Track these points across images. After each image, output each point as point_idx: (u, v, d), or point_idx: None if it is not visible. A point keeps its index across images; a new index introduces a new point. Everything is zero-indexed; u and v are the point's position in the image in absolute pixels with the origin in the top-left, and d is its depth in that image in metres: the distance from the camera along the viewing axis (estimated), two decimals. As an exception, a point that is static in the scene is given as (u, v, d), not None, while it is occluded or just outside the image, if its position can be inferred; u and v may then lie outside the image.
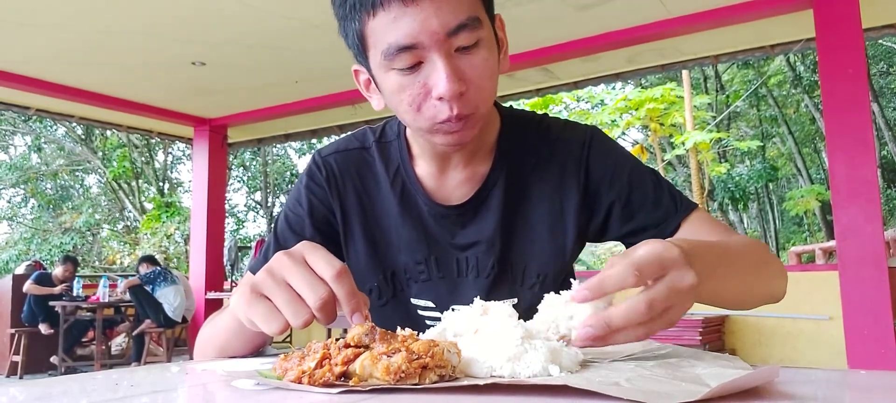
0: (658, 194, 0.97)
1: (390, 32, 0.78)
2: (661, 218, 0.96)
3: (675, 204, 0.96)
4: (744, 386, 0.51)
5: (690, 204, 0.98)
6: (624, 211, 0.97)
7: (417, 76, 0.81)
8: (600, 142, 1.00)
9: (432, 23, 0.77)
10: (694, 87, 13.14)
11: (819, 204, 14.40)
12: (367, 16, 0.80)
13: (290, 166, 21.45)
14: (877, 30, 4.84)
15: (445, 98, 0.80)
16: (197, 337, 0.97)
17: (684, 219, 0.95)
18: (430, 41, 0.78)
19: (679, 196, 0.98)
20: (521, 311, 0.96)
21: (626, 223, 0.97)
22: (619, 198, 0.97)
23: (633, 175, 0.98)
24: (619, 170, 0.98)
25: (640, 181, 0.98)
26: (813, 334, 5.18)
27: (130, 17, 4.50)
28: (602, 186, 0.97)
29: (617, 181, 0.97)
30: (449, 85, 0.79)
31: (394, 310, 1.02)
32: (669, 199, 0.97)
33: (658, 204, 0.96)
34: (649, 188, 0.97)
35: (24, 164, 19.22)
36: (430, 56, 0.79)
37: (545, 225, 0.98)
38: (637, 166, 1.00)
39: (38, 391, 0.59)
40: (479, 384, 0.54)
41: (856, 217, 3.82)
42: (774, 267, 0.90)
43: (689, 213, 0.96)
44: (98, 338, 7.23)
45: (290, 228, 1.03)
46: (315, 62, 5.37)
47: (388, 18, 0.78)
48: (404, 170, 1.00)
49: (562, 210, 0.98)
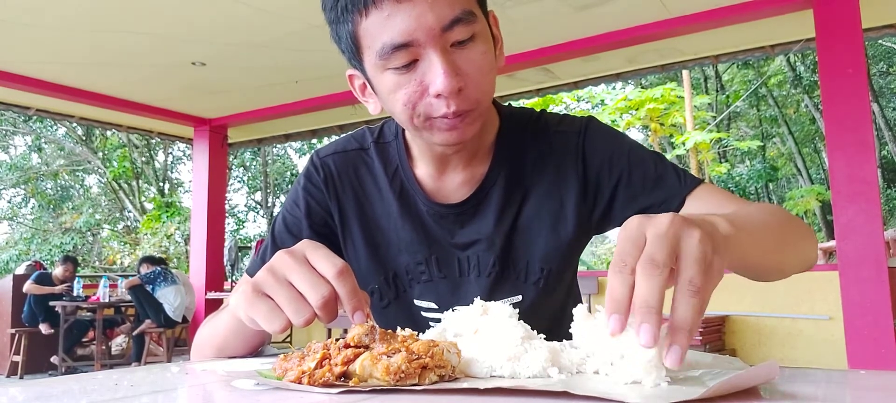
0: (660, 172, 0.94)
1: (384, 31, 0.77)
2: (664, 197, 0.92)
3: (679, 181, 0.93)
4: (743, 385, 0.51)
5: (695, 180, 0.94)
6: (627, 194, 0.94)
7: (414, 74, 0.79)
8: (596, 129, 0.98)
9: (427, 18, 0.76)
10: (694, 87, 13.14)
11: (819, 204, 14.41)
12: (359, 16, 0.78)
13: (290, 166, 21.45)
14: (877, 30, 4.85)
15: (443, 94, 0.79)
16: (195, 337, 0.96)
17: (689, 194, 0.91)
18: (425, 37, 0.77)
19: (683, 173, 0.95)
20: (525, 308, 0.96)
21: (629, 206, 0.94)
22: (620, 182, 0.94)
23: (633, 156, 0.95)
24: (617, 153, 0.95)
25: (640, 162, 0.95)
26: (813, 334, 5.18)
27: (131, 18, 4.50)
28: (602, 172, 0.95)
29: (616, 165, 0.94)
30: (446, 80, 0.77)
31: (397, 312, 1.01)
32: (674, 177, 0.93)
33: (661, 182, 0.93)
34: (650, 168, 0.94)
35: (24, 164, 19.23)
36: (426, 53, 0.78)
37: (546, 221, 0.96)
38: (636, 147, 0.97)
39: (38, 391, 0.59)
40: (480, 387, 0.54)
41: (856, 217, 3.82)
42: (799, 228, 0.84)
43: (693, 188, 0.92)
44: (98, 338, 7.23)
45: (287, 230, 1.02)
46: (315, 62, 5.37)
47: (381, 17, 0.77)
48: (403, 170, 0.99)
49: (562, 203, 0.96)
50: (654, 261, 0.52)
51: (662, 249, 0.52)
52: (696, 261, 0.52)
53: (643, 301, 0.51)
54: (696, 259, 0.52)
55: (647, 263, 0.52)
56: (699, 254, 0.53)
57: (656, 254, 0.52)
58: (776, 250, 0.78)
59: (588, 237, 1.02)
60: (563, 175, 0.96)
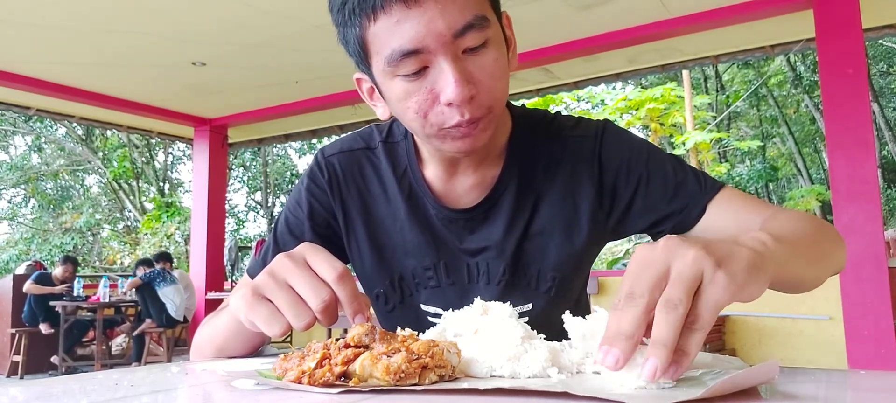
0: (680, 179, 0.90)
1: (393, 37, 0.74)
2: (684, 205, 0.89)
3: (700, 187, 0.89)
4: (743, 385, 0.51)
5: (716, 184, 0.90)
6: (645, 203, 0.91)
7: (424, 81, 0.77)
8: (613, 133, 0.94)
9: (437, 24, 0.73)
10: (694, 87, 13.14)
11: (819, 204, 14.40)
12: (367, 21, 0.75)
13: (291, 166, 21.45)
14: (877, 30, 4.85)
15: (455, 103, 0.76)
16: (194, 337, 0.95)
17: (710, 201, 0.88)
18: (435, 44, 0.74)
19: (704, 177, 0.91)
20: (536, 315, 0.94)
21: (648, 213, 0.91)
22: (638, 190, 0.91)
23: (651, 163, 0.91)
24: (635, 160, 0.92)
25: (658, 168, 0.91)
26: (813, 334, 5.18)
27: (131, 18, 4.51)
28: (619, 179, 0.92)
29: (634, 172, 0.91)
30: (458, 89, 0.74)
31: (402, 316, 0.99)
32: (694, 182, 0.90)
33: (680, 189, 0.89)
34: (669, 174, 0.91)
35: (24, 164, 19.23)
36: (437, 60, 0.75)
37: (559, 227, 0.93)
38: (654, 153, 0.93)
39: (39, 391, 0.59)
40: (480, 387, 0.54)
41: (856, 217, 3.82)
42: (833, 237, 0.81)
43: (715, 193, 0.88)
44: (98, 338, 7.23)
45: (289, 231, 1.01)
46: (315, 62, 5.37)
47: (391, 22, 0.74)
48: (412, 172, 0.96)
49: (576, 209, 0.93)
50: (632, 292, 0.53)
51: (646, 280, 0.53)
52: (678, 278, 0.52)
53: (614, 329, 0.52)
54: (679, 276, 0.52)
55: (626, 294, 0.53)
56: (685, 273, 0.52)
57: (635, 287, 0.53)
58: (815, 262, 0.75)
59: (602, 243, 0.99)
60: (578, 180, 0.93)
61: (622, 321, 0.52)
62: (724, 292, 0.52)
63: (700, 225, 0.89)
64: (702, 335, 0.52)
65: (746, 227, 0.85)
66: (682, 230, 0.90)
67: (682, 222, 0.90)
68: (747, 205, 0.87)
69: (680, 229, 0.90)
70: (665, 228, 0.92)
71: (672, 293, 0.51)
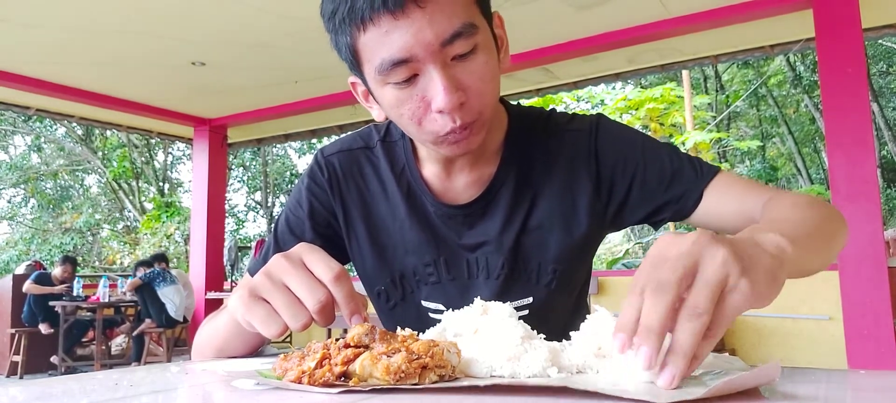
0: (676, 167, 0.91)
1: (383, 47, 0.75)
2: (681, 193, 0.90)
3: (695, 174, 0.90)
4: (744, 386, 0.51)
5: (712, 169, 0.90)
6: (642, 193, 0.92)
7: (414, 89, 0.78)
8: (607, 126, 0.96)
9: (426, 34, 0.74)
10: (694, 87, 13.14)
11: (819, 204, 14.38)
12: (357, 31, 0.76)
13: (290, 166, 21.45)
14: (877, 30, 4.85)
15: (445, 110, 0.77)
16: (195, 337, 0.96)
17: (707, 187, 0.89)
18: (424, 53, 0.75)
19: (700, 163, 0.91)
20: (537, 308, 0.95)
21: (645, 203, 0.92)
22: (635, 180, 0.92)
23: (647, 153, 0.93)
24: (630, 151, 0.93)
25: (655, 158, 0.92)
26: (813, 334, 5.18)
27: (130, 17, 4.50)
28: (616, 171, 0.93)
29: (630, 163, 0.93)
30: (447, 97, 0.76)
31: (404, 313, 1.00)
32: (690, 169, 0.90)
33: (677, 177, 0.90)
34: (665, 163, 0.92)
35: (24, 164, 19.22)
36: (426, 68, 0.76)
37: (557, 221, 0.95)
38: (650, 143, 0.95)
39: (38, 391, 0.59)
40: (479, 385, 0.54)
41: (855, 216, 3.82)
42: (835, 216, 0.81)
43: (711, 179, 0.89)
44: (98, 338, 7.23)
45: (290, 230, 1.01)
46: (315, 62, 5.37)
47: (379, 33, 0.75)
48: (410, 170, 0.98)
49: (574, 203, 0.94)
50: (660, 283, 0.51)
51: (674, 271, 0.51)
52: (706, 285, 0.51)
53: (644, 323, 0.50)
54: (707, 282, 0.51)
55: (654, 284, 0.51)
56: (712, 278, 0.51)
57: (665, 275, 0.51)
58: (823, 251, 0.75)
59: (602, 235, 1.00)
60: (575, 174, 0.94)
61: (651, 315, 0.50)
62: (745, 301, 0.52)
63: (698, 211, 0.90)
64: (715, 341, 0.52)
65: (746, 212, 0.85)
66: (681, 217, 0.92)
67: (681, 210, 0.91)
68: (745, 189, 0.87)
69: (678, 217, 0.92)
70: (664, 217, 0.93)
71: (699, 300, 0.50)
